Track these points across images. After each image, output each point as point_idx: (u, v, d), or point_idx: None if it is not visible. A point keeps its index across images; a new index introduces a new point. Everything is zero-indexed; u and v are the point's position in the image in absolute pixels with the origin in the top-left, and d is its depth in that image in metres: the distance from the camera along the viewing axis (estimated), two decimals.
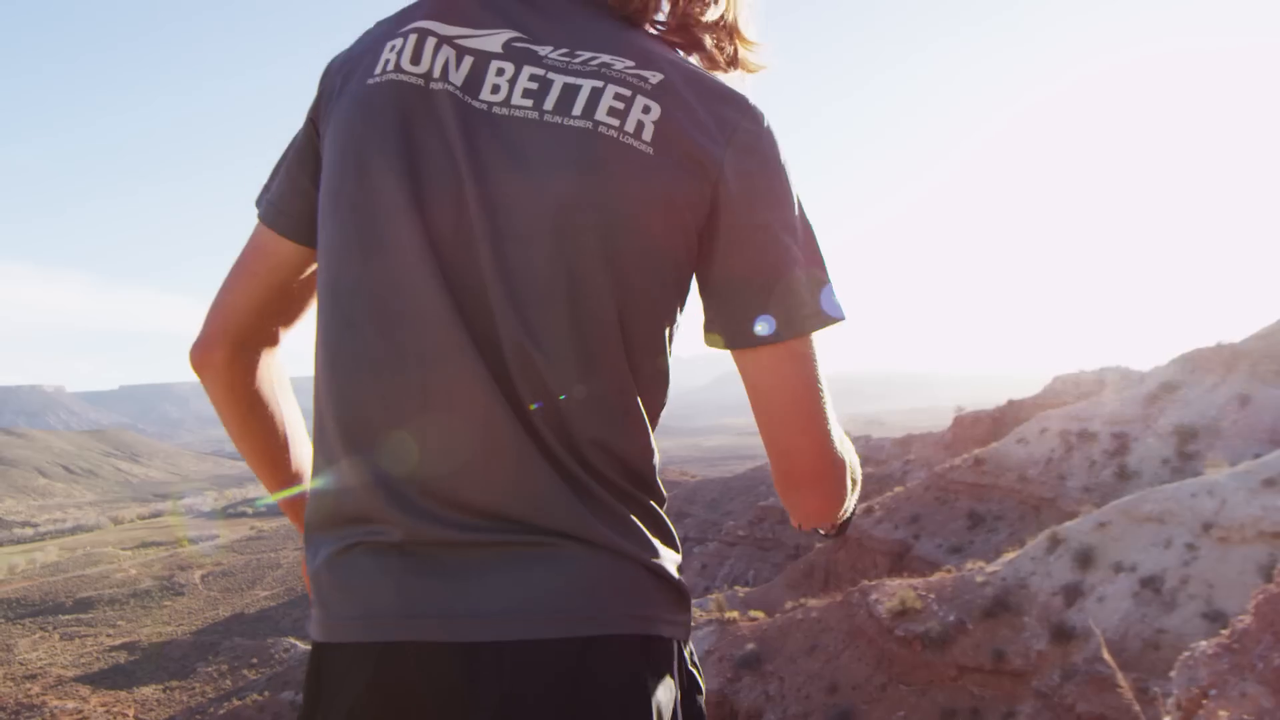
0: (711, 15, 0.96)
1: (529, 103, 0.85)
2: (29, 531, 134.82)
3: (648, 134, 0.83)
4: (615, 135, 0.83)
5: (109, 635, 71.47)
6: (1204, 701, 5.24)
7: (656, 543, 0.87)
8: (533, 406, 0.81)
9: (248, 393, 1.05)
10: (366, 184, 0.86)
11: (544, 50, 0.88)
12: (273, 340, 1.07)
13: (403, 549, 0.81)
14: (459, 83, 0.87)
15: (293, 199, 0.97)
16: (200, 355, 1.01)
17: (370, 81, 0.89)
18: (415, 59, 0.88)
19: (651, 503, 0.89)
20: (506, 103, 0.85)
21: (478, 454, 0.81)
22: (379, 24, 0.96)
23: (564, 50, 0.88)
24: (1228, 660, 5.43)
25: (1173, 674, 5.73)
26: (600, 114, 0.83)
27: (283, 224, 0.97)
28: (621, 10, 0.93)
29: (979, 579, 23.44)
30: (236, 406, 1.06)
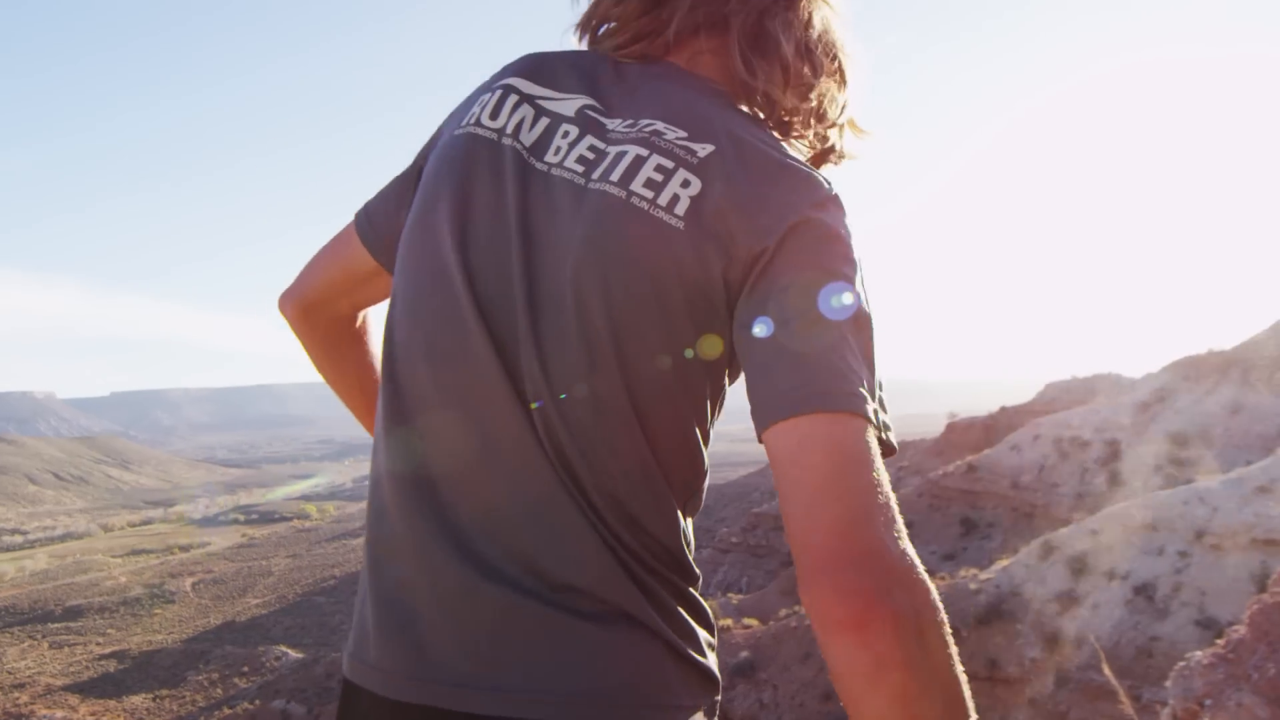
0: (794, 102, 0.93)
1: (580, 168, 0.87)
2: (18, 539, 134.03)
3: (681, 208, 0.81)
4: (646, 208, 0.82)
5: (98, 643, 70.99)
6: (1200, 712, 5.24)
7: (690, 621, 0.85)
8: (562, 474, 0.81)
9: (316, 342, 1.18)
10: (429, 229, 0.90)
11: (612, 123, 0.90)
12: (342, 311, 1.16)
13: (431, 599, 0.82)
14: (528, 143, 0.90)
15: (382, 218, 1.03)
16: (280, 303, 1.16)
17: (455, 132, 0.94)
18: (494, 114, 0.92)
19: (681, 581, 0.87)
20: (561, 164, 0.88)
21: (514, 508, 0.81)
22: (491, 76, 1.00)
23: (628, 121, 0.89)
24: (1223, 670, 5.42)
25: (1168, 683, 5.72)
26: (636, 184, 0.83)
27: (365, 234, 1.05)
28: (715, 88, 0.93)
29: (973, 586, 23.46)
30: (311, 350, 1.19)
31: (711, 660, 0.87)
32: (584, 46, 1.00)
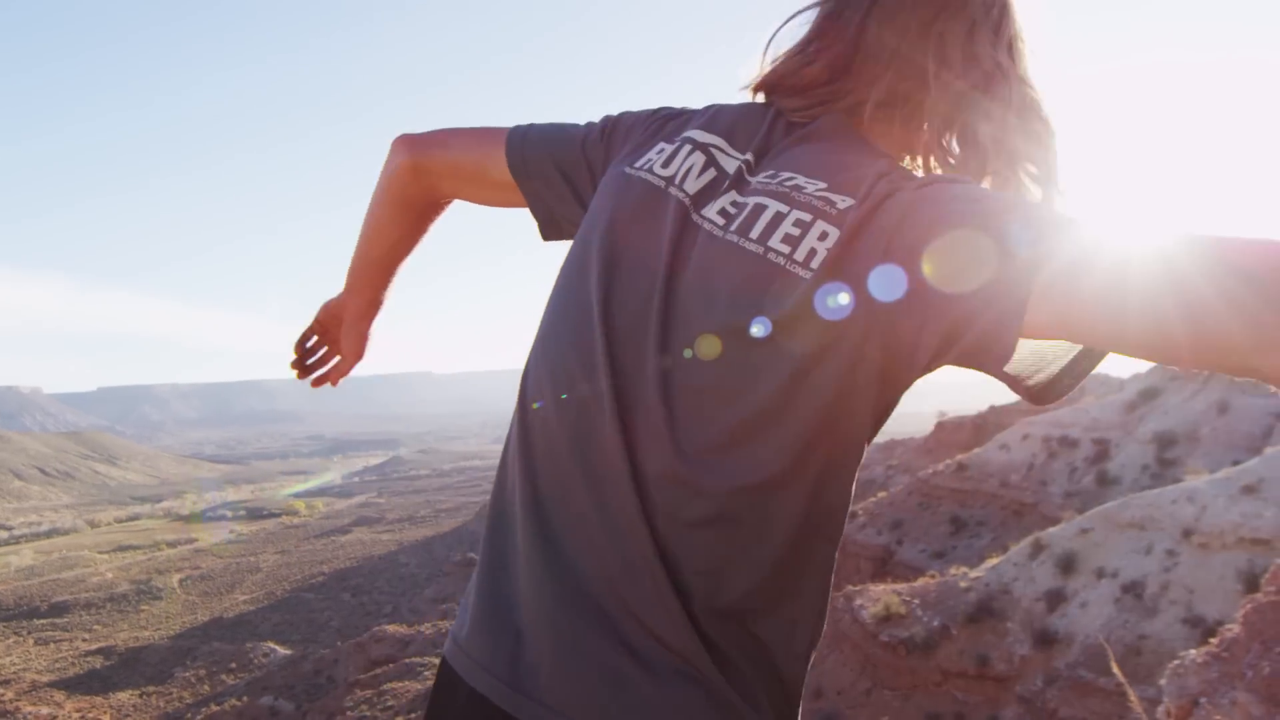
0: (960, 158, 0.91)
1: (721, 221, 0.89)
2: (3, 534, 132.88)
3: (817, 261, 0.81)
4: (782, 263, 0.83)
5: (84, 640, 70.54)
6: (1195, 709, 5.27)
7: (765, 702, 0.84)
8: (667, 544, 0.82)
9: (397, 192, 1.17)
10: (582, 266, 0.93)
11: (755, 178, 0.92)
12: (443, 189, 1.19)
13: (535, 620, 0.86)
14: (692, 191, 0.92)
15: (535, 164, 1.07)
16: (397, 144, 1.15)
17: (629, 170, 0.97)
18: (667, 163, 0.95)
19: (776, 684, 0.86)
20: (709, 219, 0.90)
21: (614, 563, 0.83)
22: (671, 110, 1.05)
23: (769, 173, 0.91)
24: (1217, 669, 5.46)
25: (1163, 681, 5.75)
26: (774, 240, 0.84)
27: (515, 165, 1.08)
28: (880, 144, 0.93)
29: (963, 584, 23.55)
30: (388, 194, 1.18)
31: None
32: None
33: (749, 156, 0.94)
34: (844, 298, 0.79)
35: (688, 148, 0.95)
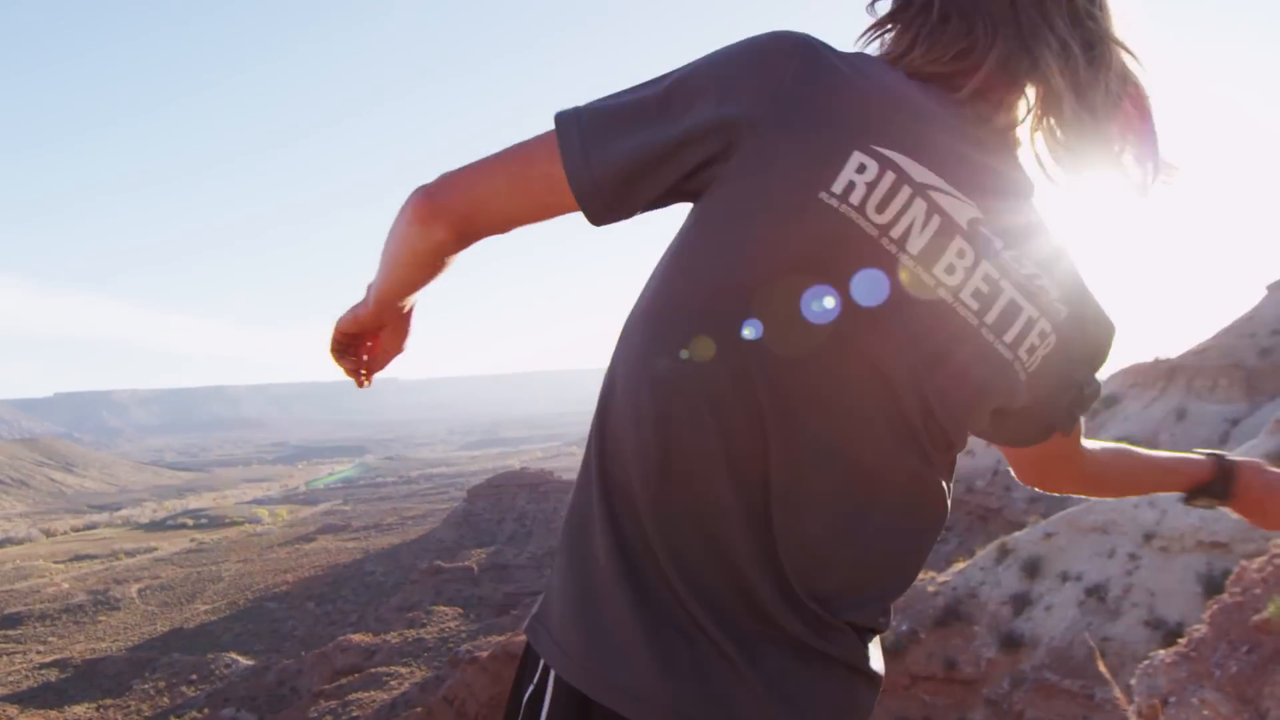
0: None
1: (976, 305, 0.83)
2: None
3: (1035, 364, 0.88)
4: (1020, 371, 0.87)
5: (39, 652, 68.87)
6: (1164, 709, 5.34)
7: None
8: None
9: (441, 257, 0.98)
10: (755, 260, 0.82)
11: (998, 243, 0.84)
12: (496, 231, 1.00)
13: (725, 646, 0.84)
14: (915, 251, 0.81)
15: (618, 188, 0.86)
16: (424, 216, 0.92)
17: (823, 197, 0.79)
18: (882, 207, 0.80)
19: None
20: (956, 294, 0.83)
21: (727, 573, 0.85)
22: (852, 64, 0.84)
23: (1013, 252, 0.85)
24: (1186, 669, 5.54)
25: (1133, 681, 5.83)
26: (1022, 350, 0.86)
27: (596, 211, 0.88)
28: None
29: (930, 588, 23.76)
30: (430, 260, 0.98)
31: None
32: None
33: (976, 213, 0.83)
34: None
35: (906, 190, 0.80)
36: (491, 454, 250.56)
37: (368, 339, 1.17)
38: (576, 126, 0.86)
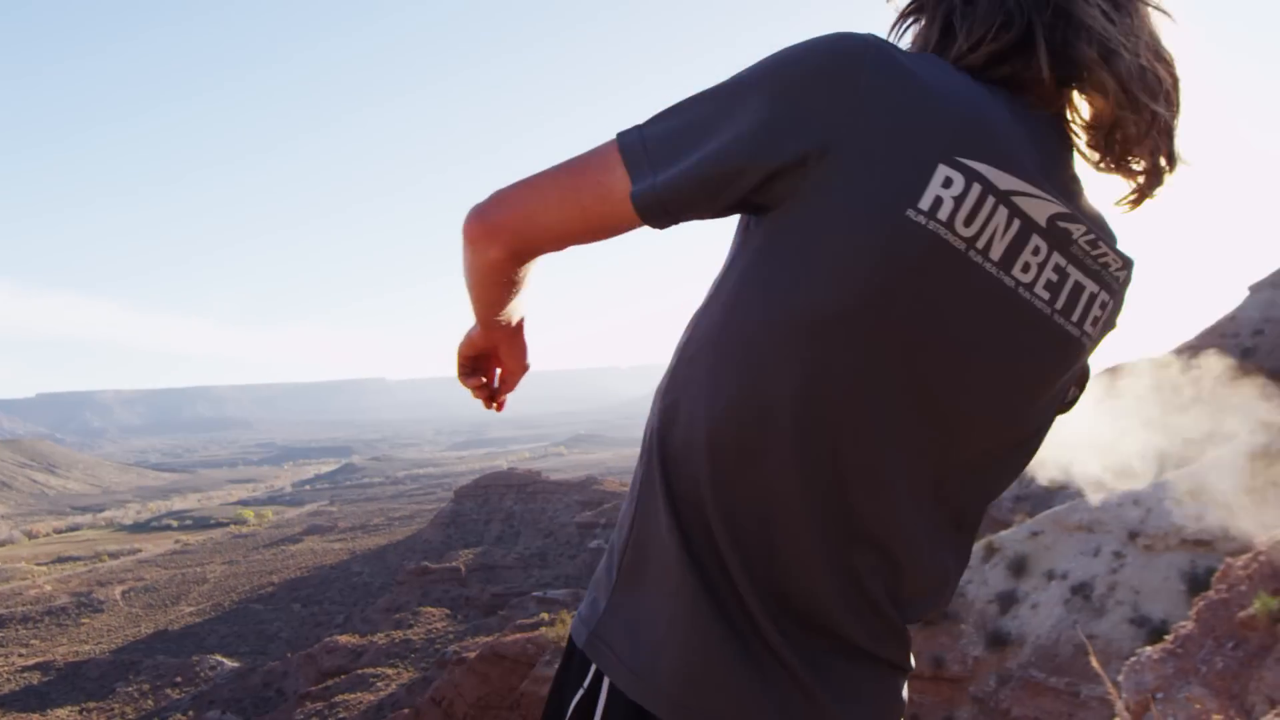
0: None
1: (1047, 295, 0.85)
2: None
3: (1097, 330, 0.91)
4: (1086, 343, 0.90)
5: (21, 655, 68.22)
6: (1151, 704, 5.37)
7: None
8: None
9: (505, 275, 0.98)
10: (879, 332, 0.81)
11: (1076, 232, 0.85)
12: (552, 250, 0.99)
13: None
14: (997, 257, 0.82)
15: (679, 208, 0.84)
16: (477, 235, 0.92)
17: (910, 214, 0.78)
18: (970, 220, 0.80)
19: None
20: (1030, 287, 0.84)
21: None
22: (923, 68, 0.82)
23: (1090, 237, 0.87)
24: (1172, 665, 5.58)
25: (1120, 678, 5.86)
26: (1088, 324, 0.89)
27: (656, 218, 0.86)
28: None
29: None
30: (481, 280, 1.00)
31: None
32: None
33: (1059, 208, 0.84)
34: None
35: (990, 201, 0.80)
36: (478, 454, 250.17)
37: (491, 361, 1.18)
38: (642, 148, 0.84)
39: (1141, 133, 0.84)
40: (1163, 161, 0.87)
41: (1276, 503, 20.22)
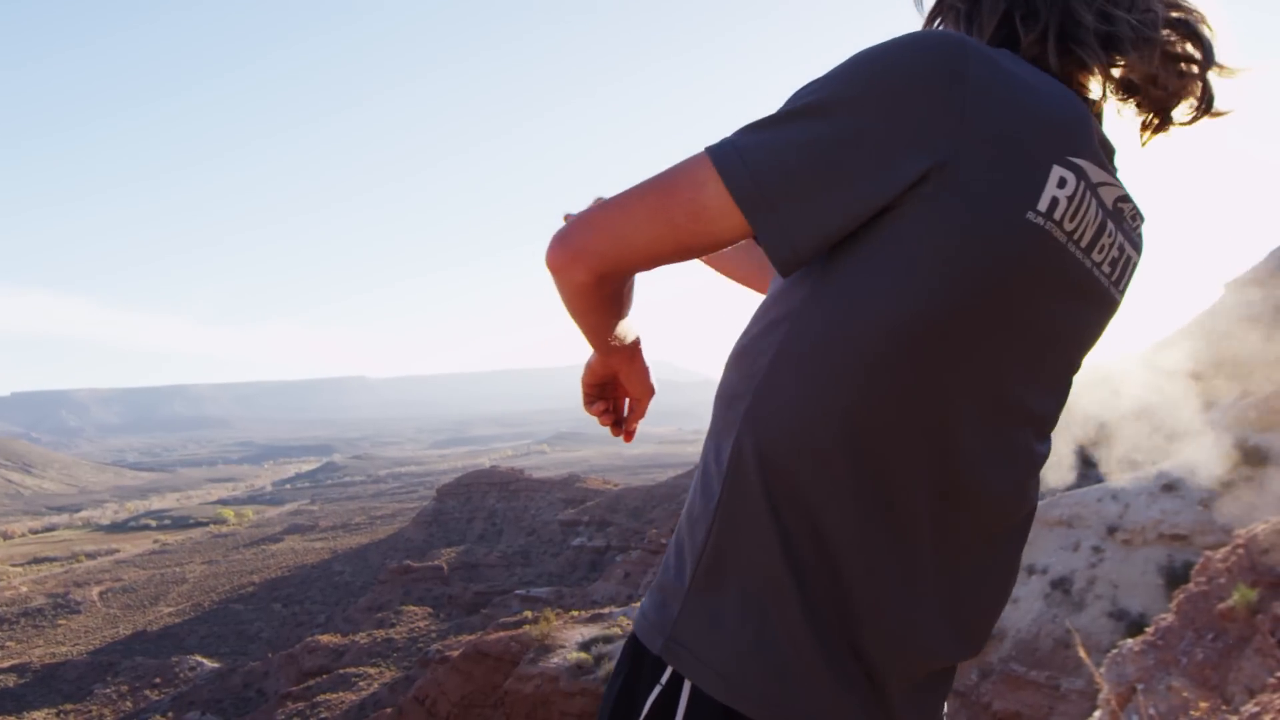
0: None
1: (1109, 271, 0.91)
2: None
3: (1128, 291, 0.96)
4: (1120, 303, 0.95)
5: None
6: (1132, 696, 5.43)
7: None
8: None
9: (601, 299, 0.96)
10: (992, 329, 0.83)
11: (1128, 210, 0.92)
12: (641, 271, 0.98)
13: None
14: (1085, 243, 0.86)
15: (802, 232, 0.82)
16: (561, 262, 0.91)
17: (1030, 216, 0.80)
18: (1074, 216, 0.83)
19: None
20: (1100, 267, 0.89)
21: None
22: (1012, 64, 0.83)
23: (1134, 211, 0.92)
24: (1153, 656, 5.64)
25: (1103, 670, 5.93)
26: (1125, 288, 0.95)
27: (784, 257, 0.84)
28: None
29: None
30: (577, 307, 0.98)
31: None
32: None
33: (1119, 189, 0.89)
34: None
35: (1089, 195, 0.84)
36: (460, 452, 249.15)
37: (615, 388, 1.17)
38: (749, 179, 0.82)
39: (1177, 89, 0.89)
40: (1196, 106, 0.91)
41: (1250, 497, 20.52)
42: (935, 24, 0.98)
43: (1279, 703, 3.79)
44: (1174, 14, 0.89)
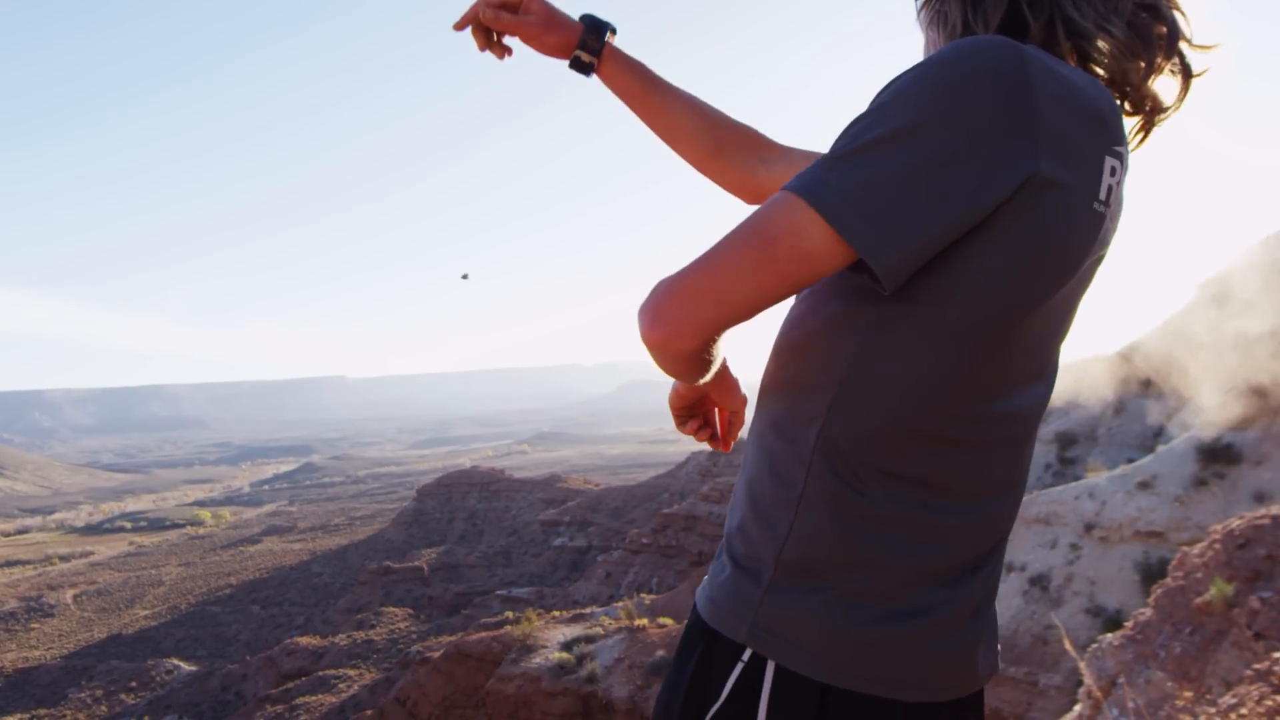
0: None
1: (1111, 208, 0.93)
2: None
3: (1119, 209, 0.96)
4: (1114, 230, 0.97)
5: None
6: (1113, 689, 5.51)
7: None
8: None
9: (696, 361, 0.95)
10: (1054, 302, 0.92)
11: (1128, 159, 0.95)
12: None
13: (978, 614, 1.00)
14: (1104, 197, 0.90)
15: (915, 259, 0.84)
16: (666, 336, 0.89)
17: (1096, 206, 0.88)
18: (1118, 197, 0.92)
19: None
20: (1106, 202, 0.91)
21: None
22: (1055, 59, 0.88)
23: (1127, 158, 0.95)
24: (1132, 650, 5.73)
25: (1082, 664, 6.01)
26: (1118, 209, 0.95)
27: (893, 278, 0.86)
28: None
29: None
30: (681, 371, 0.98)
31: None
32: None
33: (1124, 149, 0.94)
34: None
35: (1121, 173, 0.92)
36: (441, 453, 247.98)
37: (706, 404, 1.17)
38: (857, 217, 0.82)
39: (1143, 78, 0.95)
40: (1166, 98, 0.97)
41: (1223, 494, 20.82)
42: (935, 10, 1.02)
43: (1256, 694, 3.86)
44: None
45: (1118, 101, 0.96)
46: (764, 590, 0.95)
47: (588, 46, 1.32)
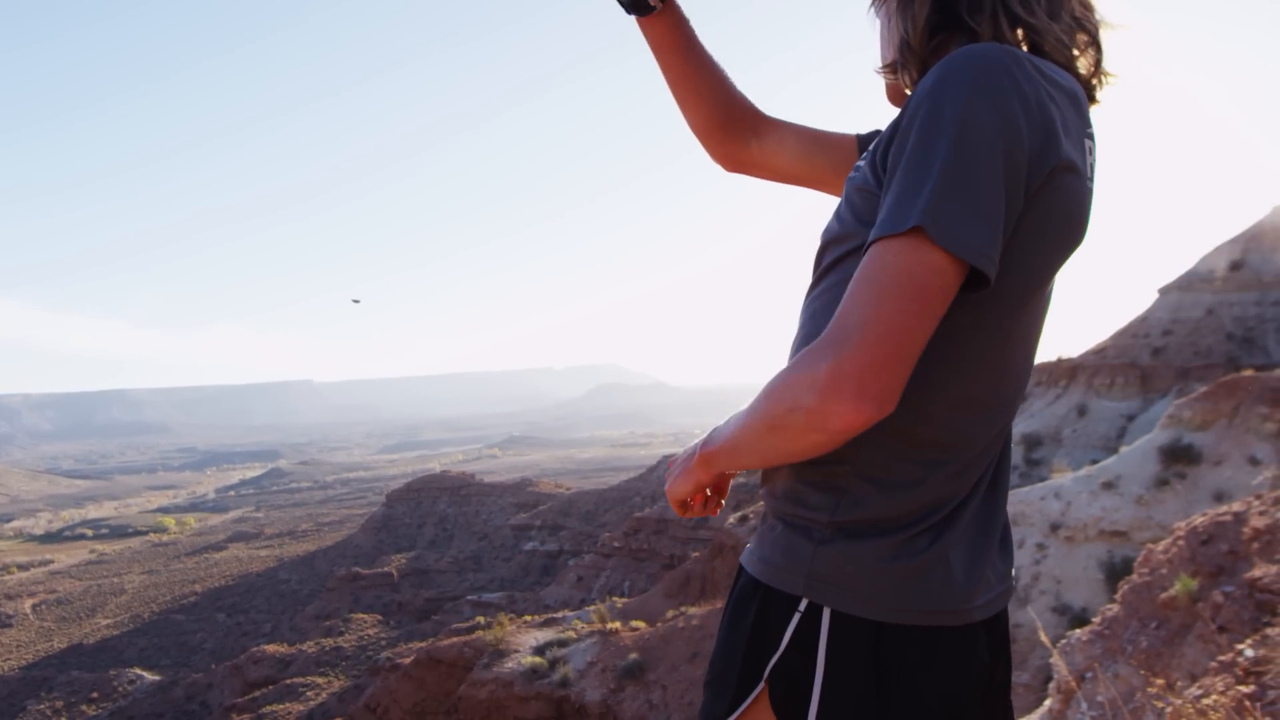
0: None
1: (1091, 177, 1.01)
2: None
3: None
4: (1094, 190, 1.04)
5: None
6: (1082, 683, 5.62)
7: None
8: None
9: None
10: (1050, 274, 1.01)
11: (1093, 131, 1.03)
12: None
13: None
14: (1090, 175, 1.00)
15: (997, 251, 0.91)
16: (868, 415, 0.87)
17: (1089, 184, 0.99)
18: (1091, 170, 1.00)
19: None
20: (1091, 179, 1.00)
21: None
22: (1071, 114, 0.97)
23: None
24: (1101, 645, 5.85)
25: (1052, 659, 6.12)
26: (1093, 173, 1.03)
27: (991, 275, 0.91)
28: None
29: None
30: (798, 454, 1.01)
31: None
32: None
33: (1091, 128, 1.02)
34: None
35: (1093, 147, 1.01)
36: (410, 457, 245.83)
37: (722, 480, 1.25)
38: (978, 249, 0.88)
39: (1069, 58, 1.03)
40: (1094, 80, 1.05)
41: (1185, 493, 21.27)
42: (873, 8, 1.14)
43: (1221, 685, 3.97)
44: None
45: None
46: (816, 544, 1.02)
47: None
